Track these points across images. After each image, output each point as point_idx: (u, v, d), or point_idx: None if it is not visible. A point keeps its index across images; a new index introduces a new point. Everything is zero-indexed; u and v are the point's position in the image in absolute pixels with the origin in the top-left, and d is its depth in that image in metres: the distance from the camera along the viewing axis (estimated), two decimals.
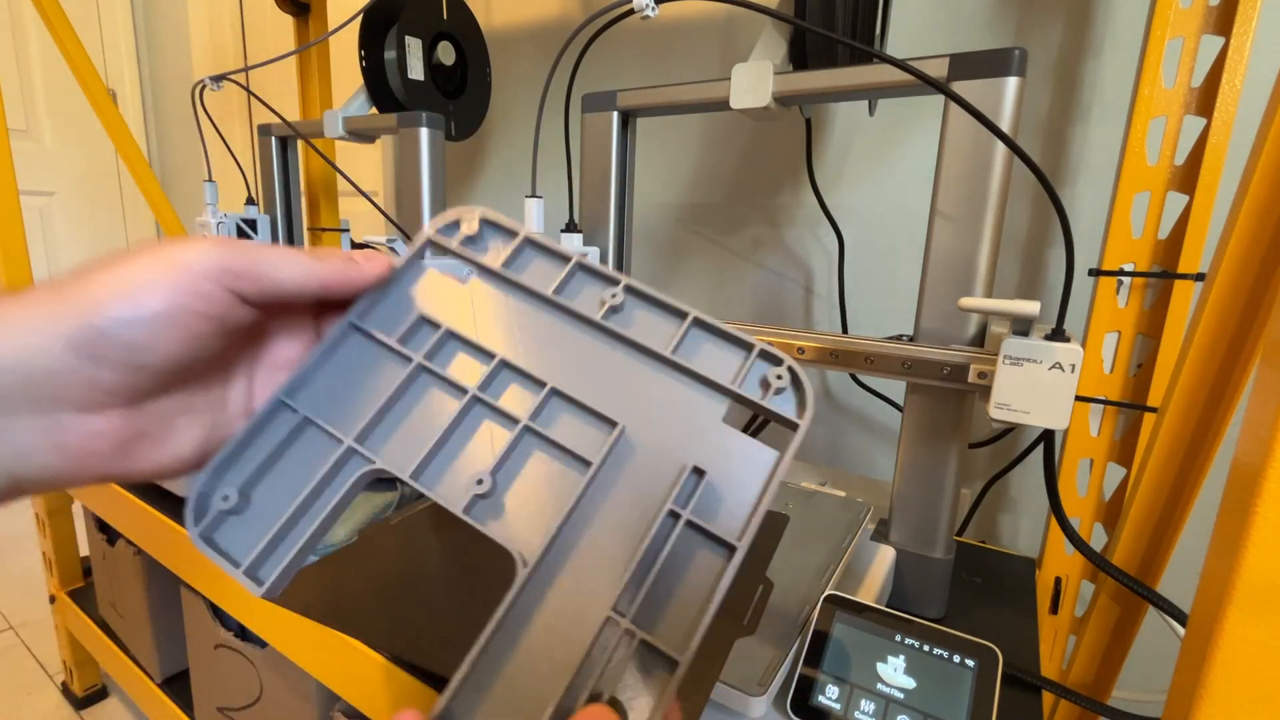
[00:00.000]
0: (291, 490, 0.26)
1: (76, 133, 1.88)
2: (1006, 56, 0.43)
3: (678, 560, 0.24)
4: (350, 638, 0.46)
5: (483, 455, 0.26)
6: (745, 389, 0.26)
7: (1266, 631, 0.20)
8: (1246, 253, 0.35)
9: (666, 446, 0.26)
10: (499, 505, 0.25)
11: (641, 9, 0.49)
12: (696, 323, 0.28)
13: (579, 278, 0.30)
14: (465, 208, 0.31)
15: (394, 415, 0.27)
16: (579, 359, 0.28)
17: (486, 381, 0.28)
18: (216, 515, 0.26)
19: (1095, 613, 0.47)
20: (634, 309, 0.29)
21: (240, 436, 0.26)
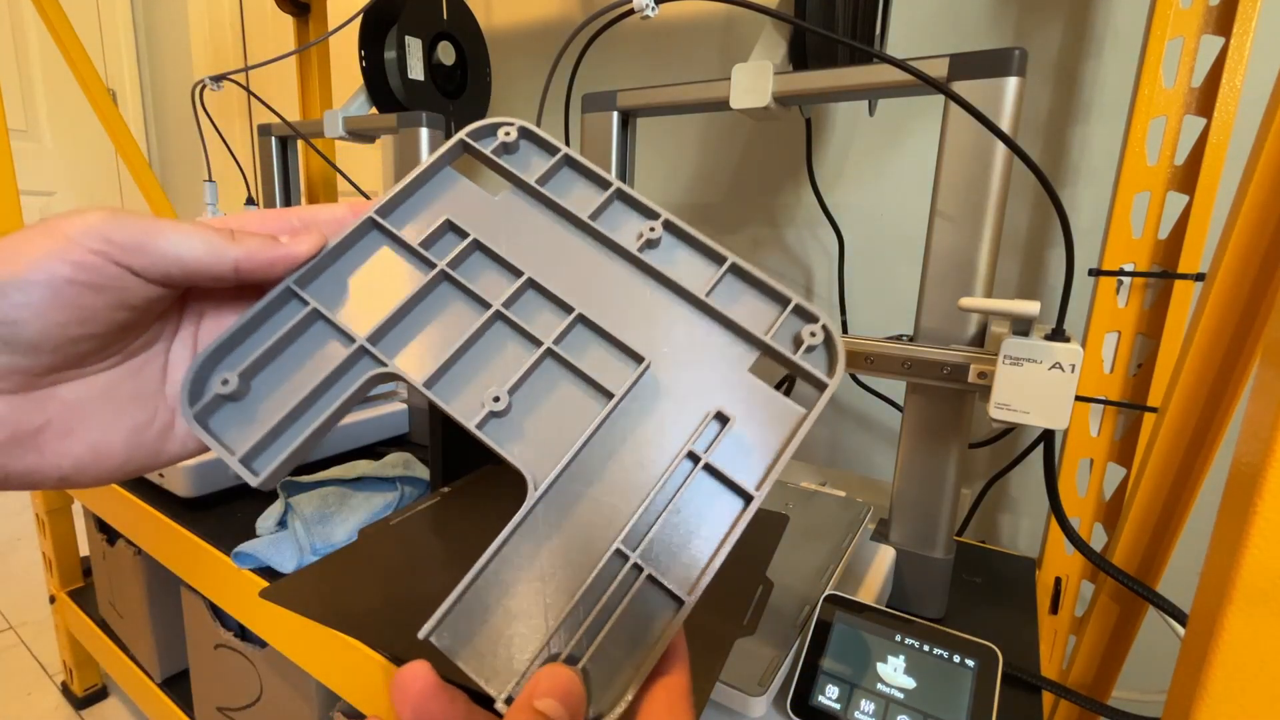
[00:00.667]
0: (296, 383, 0.25)
1: (76, 133, 1.88)
2: (1006, 56, 0.43)
3: (693, 502, 0.23)
4: (350, 638, 0.46)
5: (501, 373, 0.25)
6: (777, 342, 0.26)
7: (1266, 631, 0.20)
8: (1246, 253, 0.35)
9: (692, 389, 0.25)
10: (514, 425, 0.25)
11: (641, 9, 0.49)
12: (734, 269, 0.27)
13: (617, 206, 0.28)
14: (503, 117, 0.29)
15: (411, 321, 0.26)
16: (610, 289, 0.27)
17: (512, 299, 0.26)
18: (214, 398, 0.24)
19: (1095, 613, 0.47)
20: (672, 246, 0.28)
21: (243, 321, 0.25)
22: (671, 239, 0.28)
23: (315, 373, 0.25)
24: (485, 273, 0.27)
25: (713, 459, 0.24)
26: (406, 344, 0.26)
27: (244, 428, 0.24)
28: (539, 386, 0.25)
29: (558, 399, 0.25)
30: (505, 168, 0.28)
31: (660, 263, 0.27)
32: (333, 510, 0.58)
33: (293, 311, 0.26)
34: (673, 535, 0.23)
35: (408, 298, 0.26)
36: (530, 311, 0.27)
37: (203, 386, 0.24)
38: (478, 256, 0.28)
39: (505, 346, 0.26)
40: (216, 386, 0.24)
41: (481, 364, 0.26)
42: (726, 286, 0.27)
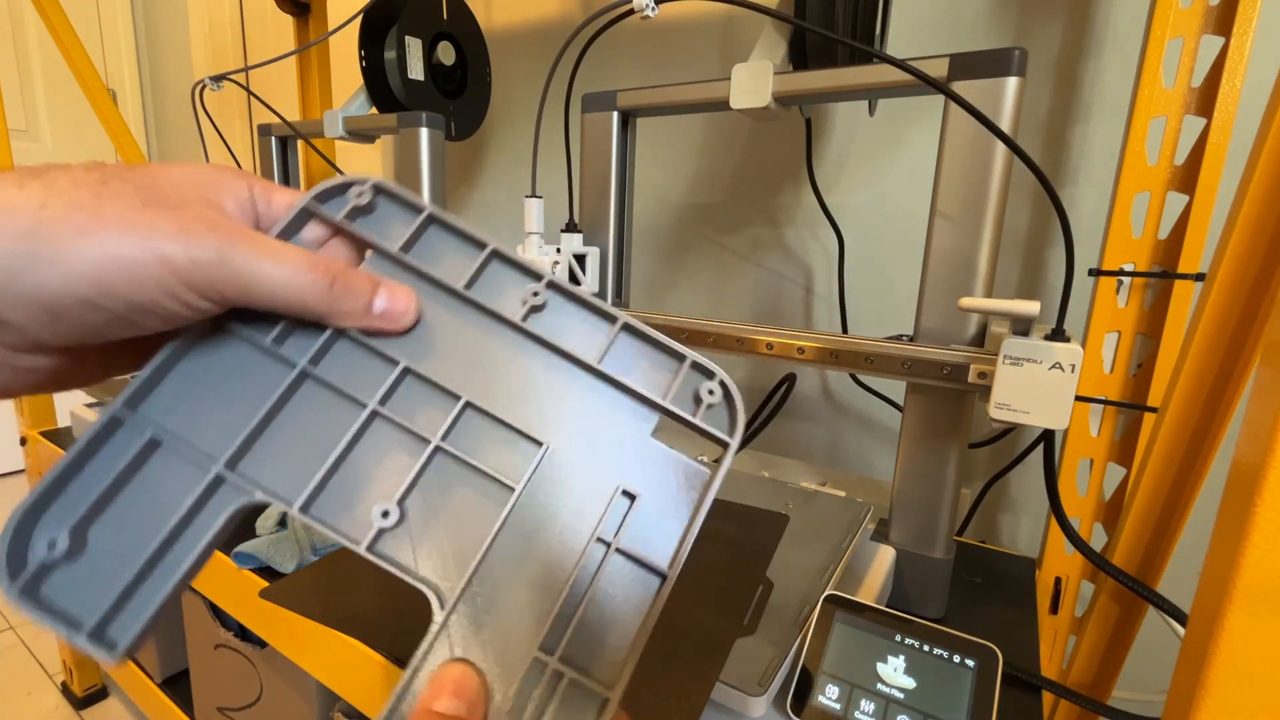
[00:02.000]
0: (144, 529, 0.21)
1: (76, 133, 1.88)
2: (1006, 56, 0.43)
3: (608, 590, 0.22)
4: (350, 638, 0.46)
5: (387, 482, 0.23)
6: (676, 404, 0.24)
7: (1266, 631, 0.20)
8: (1246, 253, 0.35)
9: (594, 466, 0.24)
10: (408, 539, 0.22)
11: (641, 9, 0.49)
12: (626, 329, 0.25)
13: (495, 269, 0.26)
14: (356, 175, 0.26)
15: (274, 434, 0.23)
16: (496, 366, 0.25)
17: (389, 393, 0.24)
18: (41, 567, 0.20)
19: (1095, 613, 0.47)
20: (559, 309, 0.25)
21: (64, 464, 0.21)
22: (558, 300, 0.25)
23: (166, 514, 0.21)
24: (354, 367, 0.24)
25: (623, 542, 0.22)
26: (273, 462, 0.23)
27: (88, 593, 0.20)
28: (432, 490, 0.23)
29: (454, 501, 0.23)
30: (361, 235, 0.25)
31: (548, 330, 0.25)
32: None
33: (128, 441, 0.22)
34: (592, 627, 0.22)
35: (267, 407, 0.23)
36: (411, 404, 0.24)
37: (23, 554, 0.20)
38: (343, 346, 0.24)
39: (388, 449, 0.23)
40: (43, 552, 0.20)
41: (364, 473, 0.23)
42: (620, 348, 0.25)
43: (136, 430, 0.22)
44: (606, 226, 0.65)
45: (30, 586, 0.20)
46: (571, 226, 0.63)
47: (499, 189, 1.21)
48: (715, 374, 0.25)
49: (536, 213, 0.60)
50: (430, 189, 0.81)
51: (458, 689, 0.20)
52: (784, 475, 0.68)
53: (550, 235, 0.61)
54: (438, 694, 0.20)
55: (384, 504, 0.22)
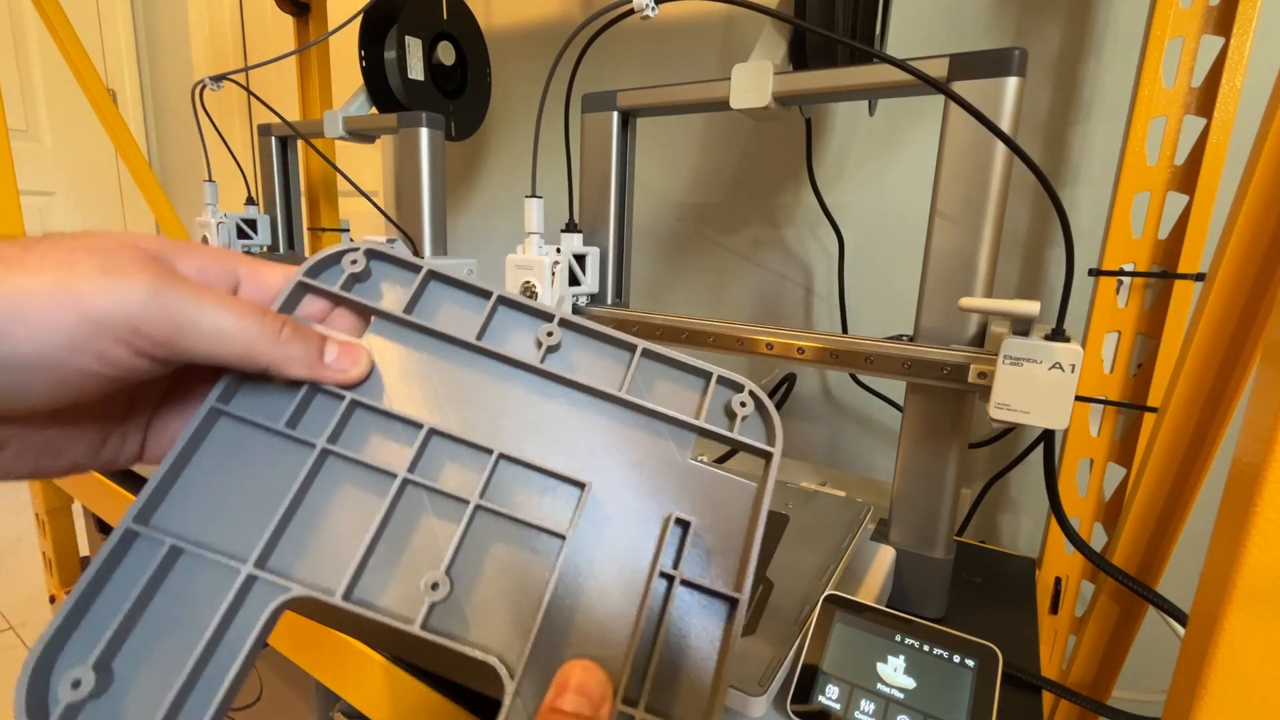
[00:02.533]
0: (176, 649, 0.19)
1: (76, 133, 1.88)
2: (1006, 56, 0.43)
3: (679, 626, 0.21)
4: (350, 638, 0.46)
5: (430, 552, 0.21)
6: (710, 421, 0.24)
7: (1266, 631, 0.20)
8: (1246, 253, 0.35)
9: (640, 497, 0.23)
10: (462, 609, 0.21)
11: (641, 9, 0.49)
12: (646, 354, 0.24)
13: (504, 315, 0.25)
14: (346, 244, 0.25)
15: (302, 521, 0.21)
16: (520, 412, 0.24)
17: (416, 458, 0.23)
18: (66, 709, 0.18)
19: (1095, 613, 0.47)
20: (573, 345, 0.25)
21: (78, 593, 0.19)
22: (572, 337, 0.25)
23: (199, 629, 0.19)
24: (376, 436, 0.23)
25: (687, 573, 0.21)
26: (307, 551, 0.21)
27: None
28: (478, 552, 0.22)
29: (503, 559, 0.22)
30: (361, 302, 0.24)
31: (566, 368, 0.24)
32: None
33: (146, 556, 0.20)
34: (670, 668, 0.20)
35: (291, 495, 0.21)
36: (441, 467, 0.23)
37: (46, 697, 0.18)
38: (361, 417, 0.23)
39: (424, 517, 0.22)
40: (66, 694, 0.18)
41: (403, 547, 0.22)
42: (642, 375, 0.24)
43: (153, 543, 0.20)
44: (606, 226, 0.65)
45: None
46: (571, 226, 0.63)
47: (499, 189, 1.21)
48: (744, 385, 0.24)
49: (536, 213, 0.60)
50: (430, 189, 0.81)
51: (581, 687, 0.19)
52: (784, 475, 0.68)
53: (550, 235, 0.61)
54: (561, 692, 0.19)
55: (431, 575, 0.21)
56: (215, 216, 0.93)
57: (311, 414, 0.23)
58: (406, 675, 0.44)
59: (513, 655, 0.20)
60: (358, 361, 0.23)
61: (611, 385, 0.24)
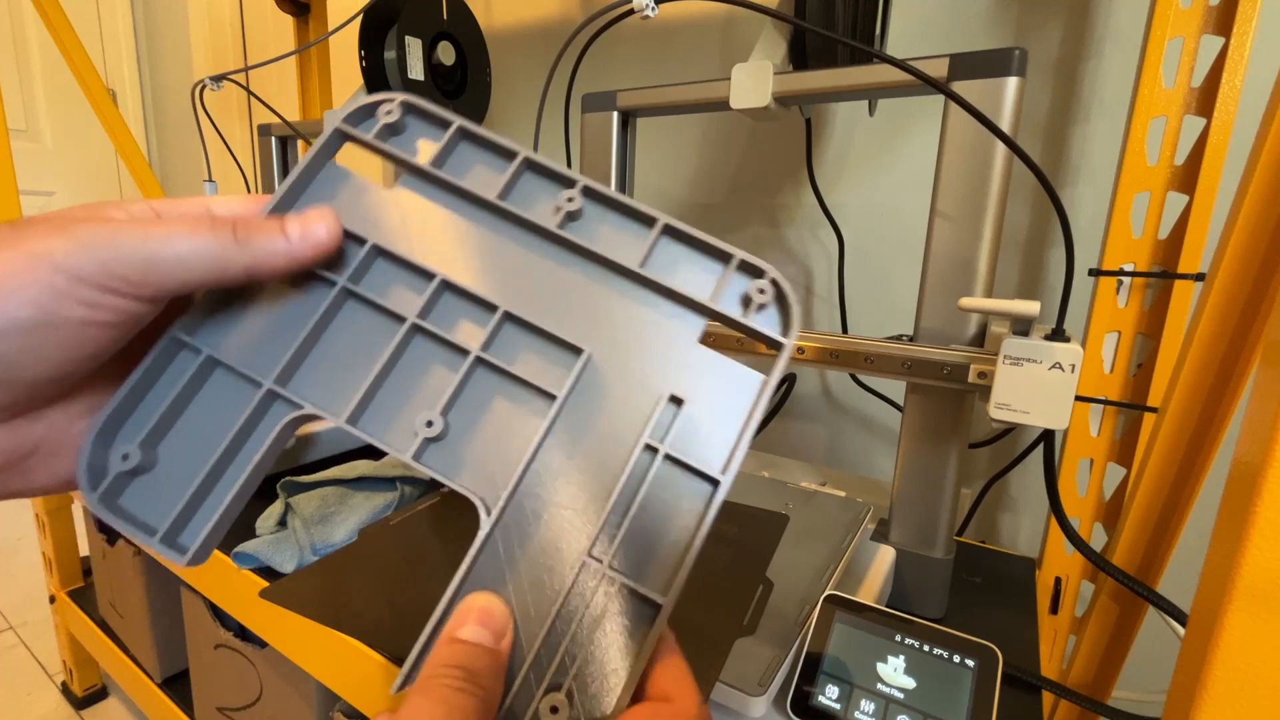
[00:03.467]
0: (205, 443, 0.22)
1: (76, 133, 1.88)
2: (1006, 56, 0.43)
3: (657, 498, 0.22)
4: (350, 638, 0.46)
5: (431, 393, 0.23)
6: (724, 305, 0.23)
7: (1266, 631, 0.20)
8: (1246, 253, 0.35)
9: (639, 373, 0.23)
10: (454, 449, 0.23)
11: (641, 9, 0.49)
12: (668, 230, 0.24)
13: (528, 178, 0.25)
14: (383, 93, 0.26)
15: (320, 351, 0.24)
16: (533, 276, 0.24)
17: (428, 306, 0.24)
18: (117, 477, 0.22)
19: (1095, 613, 0.47)
20: (595, 215, 0.25)
21: (130, 385, 0.22)
22: (595, 207, 0.25)
23: (224, 429, 0.23)
24: (393, 281, 0.24)
25: (671, 448, 0.22)
26: (320, 377, 0.23)
27: (159, 502, 0.22)
28: (474, 401, 0.23)
29: (497, 411, 0.23)
30: (393, 153, 0.25)
31: (585, 237, 0.24)
32: (333, 510, 0.58)
33: (185, 363, 0.23)
34: (642, 536, 0.21)
35: (311, 325, 0.23)
36: (450, 317, 0.24)
37: (103, 465, 0.22)
38: (381, 264, 0.25)
39: (429, 362, 0.24)
40: (117, 464, 0.22)
41: (407, 386, 0.23)
42: (662, 252, 0.24)
43: (193, 351, 0.23)
44: None
45: (109, 496, 0.22)
46: None
47: None
48: (765, 272, 0.23)
49: None
50: None
51: (483, 617, 0.20)
52: (784, 475, 0.68)
53: None
54: (462, 622, 0.20)
55: (428, 414, 0.22)
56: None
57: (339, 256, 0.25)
58: None
59: (493, 498, 0.22)
60: (325, 223, 0.23)
61: (630, 259, 0.24)
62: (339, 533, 0.56)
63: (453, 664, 0.18)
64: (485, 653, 0.19)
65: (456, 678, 0.18)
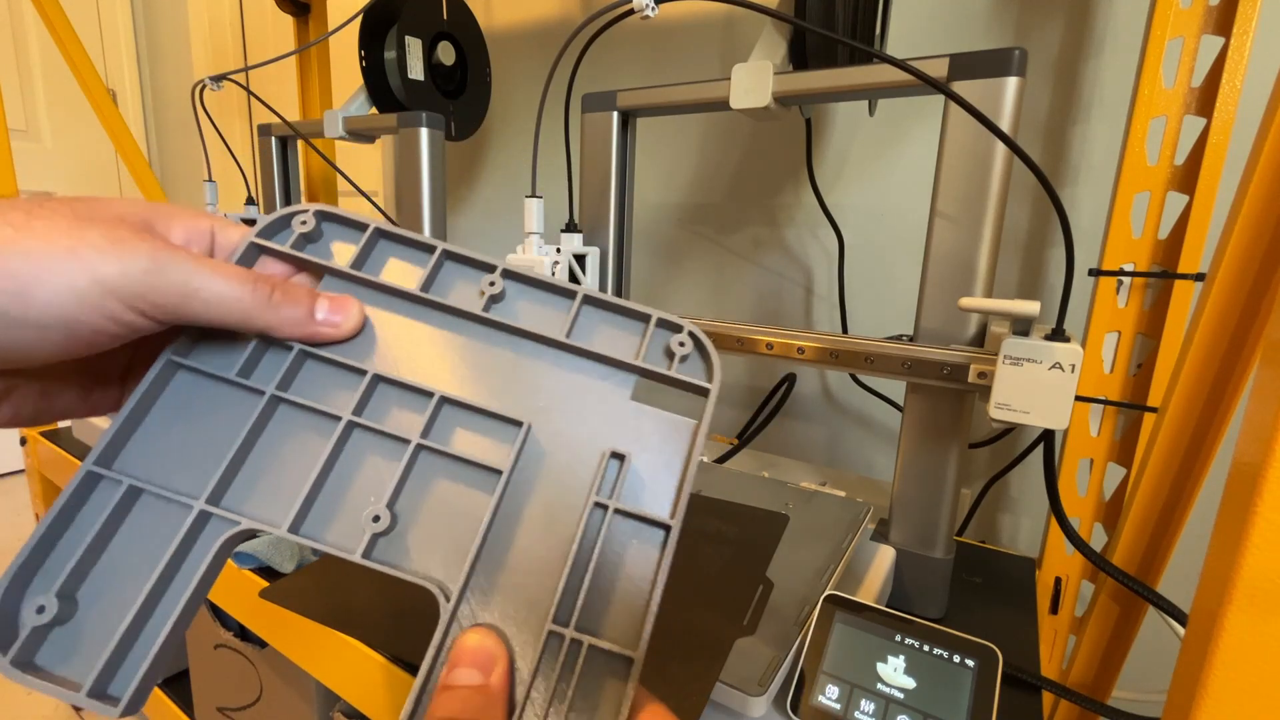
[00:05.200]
0: (132, 578, 0.21)
1: (76, 133, 1.88)
2: (1006, 56, 0.43)
3: (613, 553, 0.22)
4: (350, 638, 0.46)
5: (373, 488, 0.23)
6: (649, 362, 0.24)
7: (1266, 631, 0.20)
8: (1246, 253, 0.35)
9: (579, 437, 0.24)
10: (403, 540, 0.22)
11: (641, 9, 0.49)
12: (588, 300, 0.25)
13: (448, 269, 0.26)
14: (298, 205, 0.27)
15: (254, 462, 0.23)
16: (464, 359, 0.25)
17: (362, 402, 0.24)
18: (33, 632, 0.20)
19: (1095, 613, 0.47)
20: (516, 296, 0.26)
21: (43, 527, 0.21)
22: (515, 287, 0.26)
23: (153, 560, 0.21)
24: (323, 382, 0.25)
25: (620, 502, 0.22)
26: (256, 490, 0.23)
27: (82, 652, 0.21)
28: (419, 487, 0.23)
29: (443, 494, 0.23)
30: (311, 260, 0.26)
31: (509, 316, 0.25)
32: None
33: (106, 495, 0.22)
34: (604, 592, 0.22)
35: (241, 438, 0.23)
36: (385, 410, 0.24)
37: (14, 621, 0.20)
38: (310, 366, 0.25)
39: (368, 457, 0.23)
40: (32, 618, 0.20)
41: (347, 484, 0.23)
42: (585, 321, 0.25)
43: (113, 483, 0.22)
44: (606, 226, 0.65)
45: (23, 656, 0.20)
46: (571, 226, 0.63)
47: (499, 189, 1.21)
48: (683, 326, 0.25)
49: (536, 213, 0.60)
50: (430, 189, 0.81)
51: (474, 658, 0.20)
52: (784, 475, 0.68)
53: (550, 235, 0.61)
54: (454, 666, 0.20)
55: (374, 509, 0.22)
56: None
57: (264, 363, 0.25)
58: (407, 675, 0.44)
59: (450, 582, 0.21)
60: (349, 314, 0.25)
61: (555, 331, 0.25)
62: None
63: (447, 716, 0.19)
64: (475, 693, 0.19)
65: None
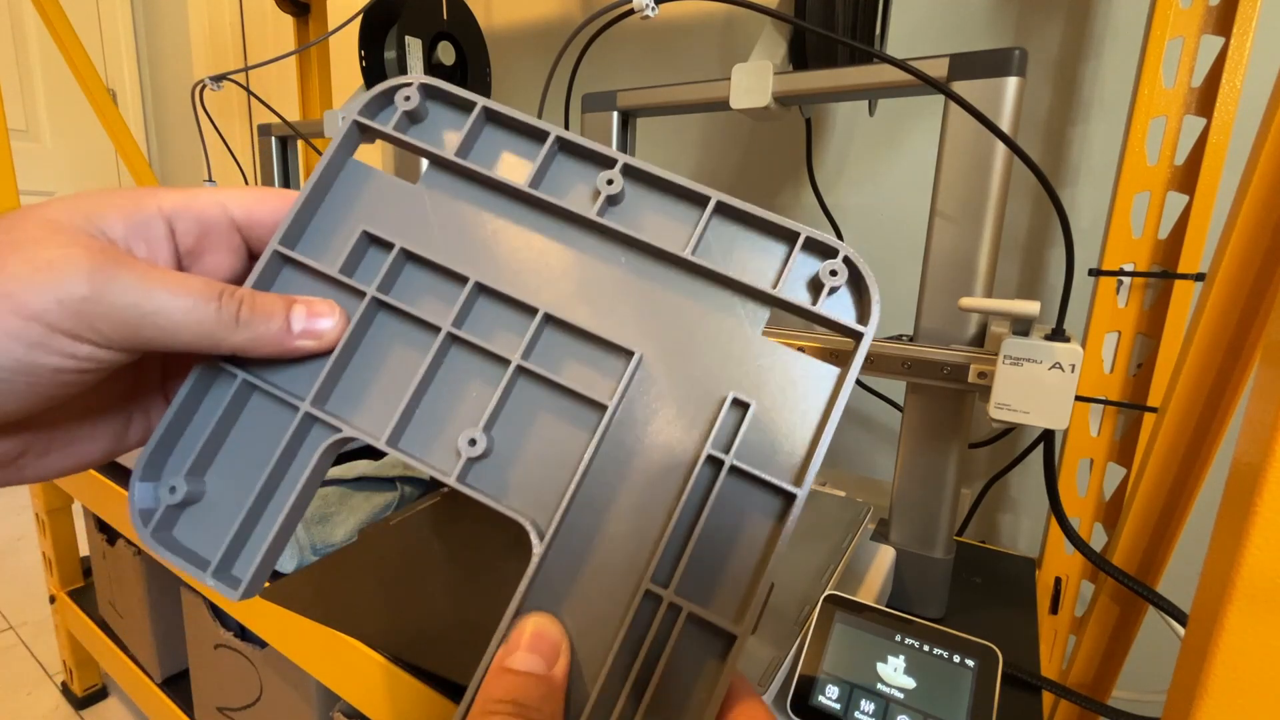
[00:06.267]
0: (249, 470, 0.22)
1: (76, 133, 1.88)
2: (1006, 56, 0.43)
3: (725, 515, 0.20)
4: (350, 638, 0.46)
5: (472, 408, 0.21)
6: (790, 292, 0.21)
7: (1266, 631, 0.20)
8: (1246, 253, 0.35)
9: (697, 375, 0.21)
10: (500, 469, 0.21)
11: (641, 9, 0.49)
12: (721, 209, 0.22)
13: (562, 161, 0.23)
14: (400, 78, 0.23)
15: (354, 369, 0.22)
16: (574, 272, 0.22)
17: (463, 314, 0.22)
18: (167, 511, 0.21)
19: (1095, 613, 0.47)
20: (638, 197, 0.22)
21: (169, 418, 0.22)
22: (637, 188, 0.22)
23: (266, 455, 0.21)
24: (425, 287, 0.23)
25: (738, 459, 0.20)
26: (358, 396, 0.22)
27: (210, 534, 0.21)
28: (518, 415, 0.21)
29: (543, 425, 0.21)
30: (416, 144, 0.23)
31: (629, 223, 0.22)
32: (333, 510, 0.58)
33: (222, 388, 0.22)
34: (709, 558, 0.19)
35: (343, 343, 0.22)
36: (488, 323, 0.22)
37: (152, 501, 0.21)
38: (411, 269, 0.23)
39: (468, 374, 0.22)
40: (166, 497, 0.21)
41: (447, 401, 0.22)
42: (716, 234, 0.22)
43: (229, 377, 0.22)
44: None
45: (161, 530, 0.21)
46: None
47: None
48: (838, 250, 0.21)
49: None
50: None
51: (534, 643, 0.19)
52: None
53: None
54: (513, 650, 0.18)
55: (470, 432, 0.21)
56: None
57: (365, 263, 0.23)
58: (406, 675, 0.44)
59: (544, 520, 0.20)
60: (331, 319, 0.22)
61: (679, 245, 0.21)
62: (339, 533, 0.56)
63: (505, 698, 0.18)
64: (537, 682, 0.18)
65: (508, 713, 0.17)
